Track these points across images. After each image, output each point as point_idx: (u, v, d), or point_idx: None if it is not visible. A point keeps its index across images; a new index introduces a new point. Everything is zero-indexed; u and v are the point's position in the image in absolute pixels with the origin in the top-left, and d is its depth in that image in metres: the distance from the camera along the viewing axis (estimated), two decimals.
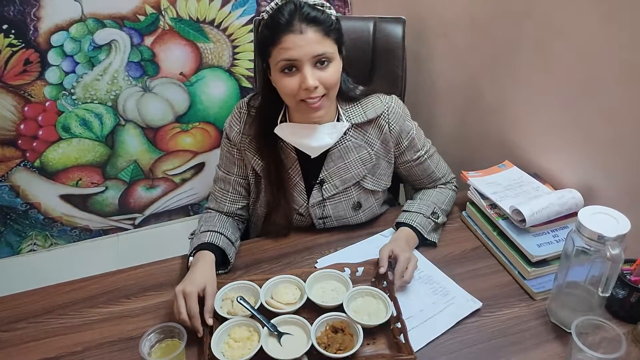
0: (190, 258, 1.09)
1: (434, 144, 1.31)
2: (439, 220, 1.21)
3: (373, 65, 1.53)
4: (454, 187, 1.32)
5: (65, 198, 2.26)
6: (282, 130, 1.14)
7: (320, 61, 1.02)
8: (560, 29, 1.16)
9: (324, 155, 1.17)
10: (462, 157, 1.57)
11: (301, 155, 1.18)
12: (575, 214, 1.12)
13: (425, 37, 1.69)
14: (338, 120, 1.17)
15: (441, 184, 1.31)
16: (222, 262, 1.13)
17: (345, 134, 1.16)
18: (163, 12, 1.98)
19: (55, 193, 2.23)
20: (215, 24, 2.07)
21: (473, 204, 1.25)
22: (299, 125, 1.13)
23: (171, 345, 0.91)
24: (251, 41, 2.14)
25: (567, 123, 1.20)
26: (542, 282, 1.06)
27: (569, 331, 0.95)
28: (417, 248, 1.18)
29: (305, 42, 0.99)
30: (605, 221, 0.87)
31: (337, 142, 1.15)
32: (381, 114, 1.18)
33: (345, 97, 1.17)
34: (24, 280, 2.12)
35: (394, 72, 1.53)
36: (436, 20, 1.64)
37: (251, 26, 2.11)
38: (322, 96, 1.05)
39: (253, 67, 1.65)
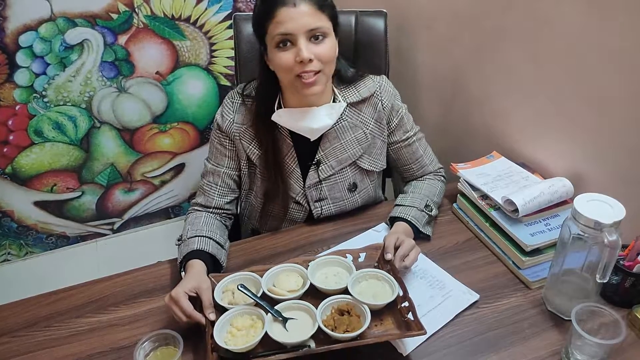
0: (182, 273, 1.06)
1: None
2: (432, 213, 1.21)
3: (356, 59, 1.52)
4: (442, 178, 1.32)
5: (40, 204, 2.19)
6: (280, 117, 1.15)
7: (315, 36, 1.03)
8: (544, 17, 1.17)
9: (320, 136, 1.18)
10: (448, 149, 1.58)
11: (296, 141, 1.19)
12: (565, 202, 1.14)
13: (407, 29, 1.69)
14: (334, 101, 1.18)
15: (429, 174, 1.31)
16: (214, 267, 1.10)
17: (341, 114, 1.17)
18: (137, 10, 1.93)
19: (29, 200, 2.16)
20: (191, 21, 2.02)
21: (464, 195, 1.25)
22: (297, 109, 1.14)
23: (166, 352, 0.88)
24: (229, 38, 2.11)
25: (554, 112, 1.21)
26: (537, 271, 1.06)
27: (566, 318, 0.96)
28: None
29: (299, 14, 1.00)
30: (600, 208, 0.87)
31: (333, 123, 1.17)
32: (374, 93, 1.21)
33: (340, 78, 1.19)
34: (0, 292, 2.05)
35: (376, 65, 1.53)
36: (418, 12, 1.64)
37: (229, 22, 2.08)
38: (317, 72, 1.05)
39: (234, 64, 1.61)
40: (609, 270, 0.86)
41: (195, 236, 1.10)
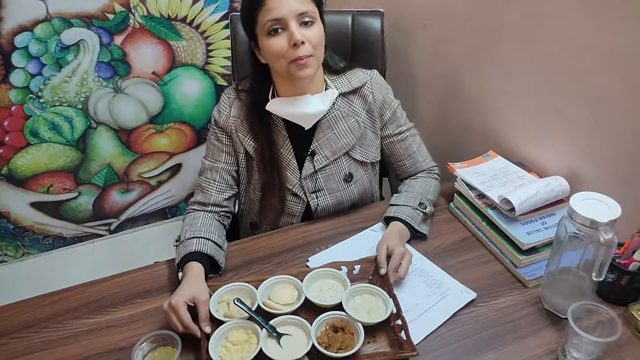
0: (179, 273, 1.06)
1: None
2: (427, 210, 1.21)
3: (353, 59, 1.52)
4: (436, 176, 1.34)
5: (37, 206, 2.18)
6: (274, 106, 1.17)
7: (304, 21, 1.06)
8: (540, 16, 1.17)
9: (314, 127, 1.20)
10: (445, 149, 1.58)
11: (291, 133, 1.21)
12: (561, 200, 1.15)
13: (404, 29, 1.69)
14: (326, 89, 1.20)
15: (423, 172, 1.33)
16: (212, 268, 1.10)
17: (333, 104, 1.20)
18: (133, 10, 1.92)
19: (25, 201, 2.15)
20: (187, 21, 2.02)
21: (461, 195, 1.25)
22: (291, 98, 1.16)
23: (164, 353, 0.88)
24: (225, 38, 2.10)
25: (550, 111, 1.22)
26: (533, 270, 1.07)
27: (562, 317, 0.97)
28: (408, 242, 1.17)
29: (288, 0, 1.04)
30: (596, 206, 0.88)
31: (327, 112, 1.19)
32: (365, 84, 1.24)
33: (331, 69, 1.22)
34: None
35: (373, 65, 1.52)
36: (414, 11, 1.64)
37: (225, 23, 2.07)
38: (309, 56, 1.08)
39: (230, 64, 1.61)
40: (604, 268, 0.86)
41: (194, 237, 1.10)
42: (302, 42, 1.05)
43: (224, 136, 1.22)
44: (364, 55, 1.52)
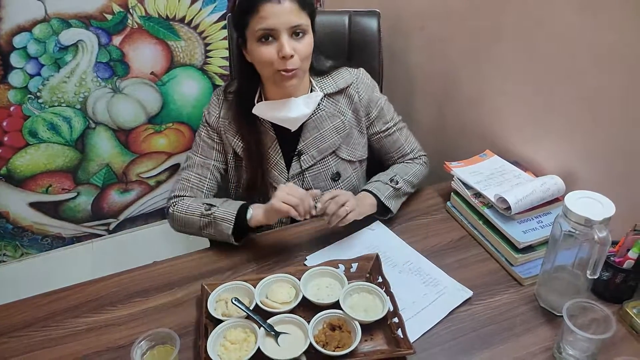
0: (250, 211, 1.13)
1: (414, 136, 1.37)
2: (399, 186, 1.21)
3: (349, 60, 1.53)
4: (422, 162, 1.35)
5: (35, 206, 2.18)
6: (260, 109, 1.19)
7: (296, 32, 1.07)
8: (538, 18, 1.18)
9: (301, 127, 1.22)
10: (442, 148, 1.59)
11: (279, 134, 1.22)
12: (557, 199, 1.16)
13: (401, 30, 1.70)
14: (311, 92, 1.22)
15: (409, 160, 1.34)
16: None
17: (318, 105, 1.21)
18: (131, 10, 1.93)
19: (24, 201, 2.15)
20: (185, 22, 2.03)
21: (457, 194, 1.26)
22: (276, 101, 1.18)
23: (163, 351, 0.89)
24: (223, 38, 2.11)
25: (546, 111, 1.23)
26: (529, 268, 1.07)
27: (558, 314, 0.97)
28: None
29: (283, 11, 1.04)
30: (590, 205, 0.89)
31: (312, 113, 1.20)
32: (351, 84, 1.25)
33: (317, 71, 1.23)
34: None
35: (370, 65, 1.53)
36: (411, 12, 1.64)
37: (223, 23, 2.08)
38: (297, 69, 1.09)
39: (228, 64, 1.62)
40: (599, 266, 0.87)
41: (224, 201, 1.17)
42: (292, 56, 1.06)
43: (215, 135, 1.25)
44: (361, 56, 1.52)
